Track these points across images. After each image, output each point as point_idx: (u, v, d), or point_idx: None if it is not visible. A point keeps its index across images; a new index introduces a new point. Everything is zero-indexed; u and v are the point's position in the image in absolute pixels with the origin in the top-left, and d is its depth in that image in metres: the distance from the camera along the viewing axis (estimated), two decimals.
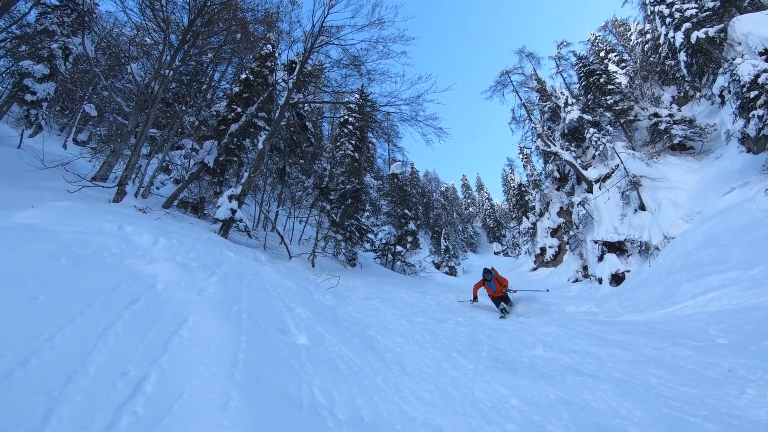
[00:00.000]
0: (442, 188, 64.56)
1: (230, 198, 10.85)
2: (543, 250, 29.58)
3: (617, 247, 17.28)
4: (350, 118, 20.31)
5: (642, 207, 17.01)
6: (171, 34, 11.61)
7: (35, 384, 2.01)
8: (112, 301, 3.21)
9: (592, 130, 21.04)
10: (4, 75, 14.11)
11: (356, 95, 17.78)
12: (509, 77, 27.40)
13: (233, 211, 10.74)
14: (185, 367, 2.63)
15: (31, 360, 2.16)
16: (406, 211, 26.03)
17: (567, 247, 23.73)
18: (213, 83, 18.33)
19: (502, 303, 9.17)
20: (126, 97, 15.22)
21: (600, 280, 17.30)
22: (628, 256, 16.61)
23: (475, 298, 9.85)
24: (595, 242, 18.42)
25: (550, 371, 4.02)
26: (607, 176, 20.18)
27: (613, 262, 16.75)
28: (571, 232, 22.09)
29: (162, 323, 3.12)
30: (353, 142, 20.24)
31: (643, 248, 15.24)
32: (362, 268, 16.95)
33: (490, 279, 9.50)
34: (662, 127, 19.07)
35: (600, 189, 20.10)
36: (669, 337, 6.15)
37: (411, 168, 47.49)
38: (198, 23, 11.75)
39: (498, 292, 9.38)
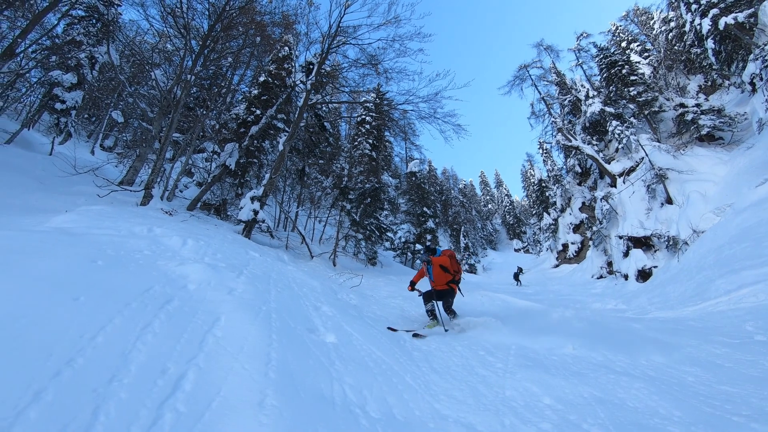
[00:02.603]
0: (460, 185, 64.06)
1: (252, 199, 11.01)
2: (565, 246, 29.04)
3: (643, 243, 16.83)
4: (367, 118, 20.33)
5: (669, 200, 16.53)
6: (191, 40, 11.85)
7: (82, 381, 2.09)
8: (148, 301, 3.30)
9: (614, 122, 20.54)
10: (35, 85, 14.65)
11: (372, 94, 17.78)
12: (527, 71, 26.98)
13: (255, 212, 10.91)
14: (221, 365, 2.68)
15: (77, 359, 2.24)
16: (425, 209, 25.96)
17: (590, 242, 23.23)
18: (232, 86, 18.63)
19: (434, 302, 6.25)
20: (150, 103, 15.61)
21: (626, 277, 16.88)
22: (655, 251, 16.16)
23: (412, 287, 6.63)
24: (620, 237, 17.99)
25: (581, 369, 3.95)
26: (632, 170, 19.67)
27: (640, 258, 16.32)
28: (595, 228, 21.62)
29: (196, 322, 3.20)
30: (370, 141, 20.22)
31: (671, 243, 14.80)
32: (383, 267, 16.97)
33: (431, 262, 6.25)
34: (689, 117, 18.47)
35: (624, 183, 19.60)
36: (703, 334, 5.95)
37: (428, 166, 47.31)
38: (217, 28, 11.96)
39: (438, 283, 6.18)
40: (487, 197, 66.45)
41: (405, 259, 23.94)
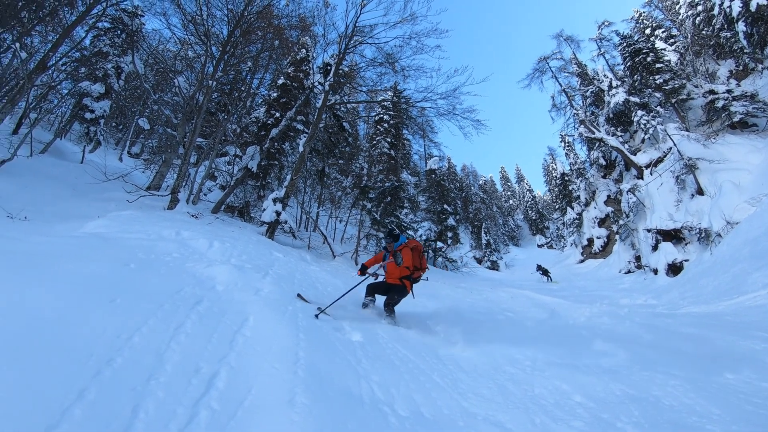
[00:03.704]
0: (481, 182, 63.38)
1: (274, 201, 11.17)
2: (590, 241, 28.37)
3: (673, 235, 16.28)
4: (385, 116, 20.35)
5: (699, 191, 15.93)
6: (212, 47, 12.10)
7: (122, 380, 2.16)
8: (179, 302, 3.39)
9: (640, 112, 19.93)
10: (66, 96, 15.25)
11: (390, 93, 17.78)
12: (547, 63, 26.44)
13: (278, 214, 11.06)
14: (251, 364, 2.74)
15: (116, 358, 2.33)
16: (445, 206, 25.79)
17: (617, 237, 22.62)
18: (252, 90, 18.94)
19: (374, 298, 5.53)
20: (174, 110, 16.04)
21: (655, 271, 16.38)
22: (686, 244, 15.61)
23: (362, 271, 5.67)
24: (648, 231, 17.45)
25: (612, 366, 3.85)
26: (659, 160, 19.04)
27: (670, 251, 15.79)
28: (621, 221, 21.04)
29: (226, 322, 3.27)
30: (389, 139, 20.25)
31: (702, 235, 14.27)
32: None
33: (392, 248, 5.44)
34: (719, 104, 17.73)
35: (651, 174, 18.99)
36: (740, 330, 5.73)
37: (448, 163, 46.97)
38: (236, 34, 12.17)
39: (391, 275, 5.35)
40: (508, 193, 65.53)
41: (426, 257, 23.85)
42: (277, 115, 14.48)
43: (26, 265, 3.21)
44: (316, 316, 4.18)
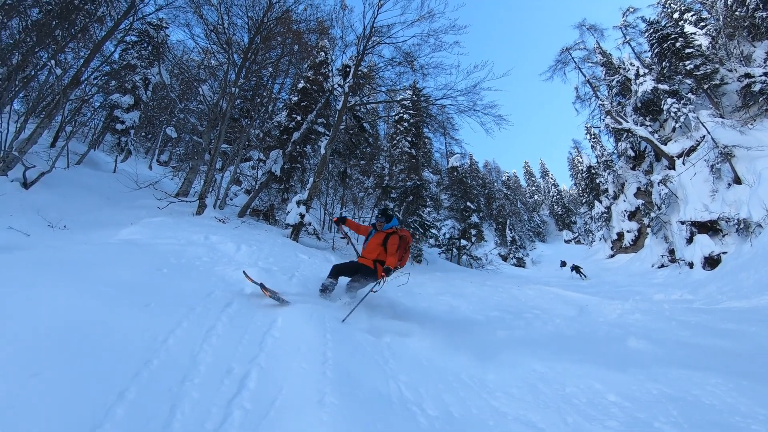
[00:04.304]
0: (504, 178, 62.50)
1: (298, 203, 11.33)
2: (620, 235, 27.50)
3: (709, 227, 15.61)
4: (405, 115, 20.31)
5: (737, 180, 15.22)
6: (234, 54, 12.37)
7: (159, 381, 2.25)
8: (210, 305, 3.50)
9: (669, 100, 19.19)
10: (98, 109, 15.90)
11: (409, 92, 17.73)
12: (570, 54, 25.77)
13: (302, 216, 11.21)
14: (281, 364, 2.79)
15: (152, 360, 2.42)
16: (468, 203, 25.55)
17: (648, 230, 21.88)
18: (273, 95, 19.26)
19: (336, 281, 5.05)
20: (199, 118, 16.48)
21: (690, 264, 15.74)
22: (724, 235, 14.94)
23: (342, 222, 5.56)
24: (682, 223, 16.80)
25: (648, 365, 3.73)
26: (692, 149, 18.29)
27: (706, 244, 15.15)
28: (653, 214, 20.34)
29: (255, 324, 3.35)
30: (409, 138, 20.18)
31: (741, 226, 13.63)
32: (428, 264, 16.91)
33: (381, 227, 5.14)
34: (757, 88, 16.88)
35: (684, 164, 18.26)
36: None
37: (470, 160, 46.46)
38: (257, 40, 12.41)
39: (367, 255, 5.11)
40: (533, 188, 64.31)
41: (450, 256, 23.68)
42: (299, 118, 14.68)
43: (69, 272, 3.37)
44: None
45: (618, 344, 4.71)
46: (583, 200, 40.09)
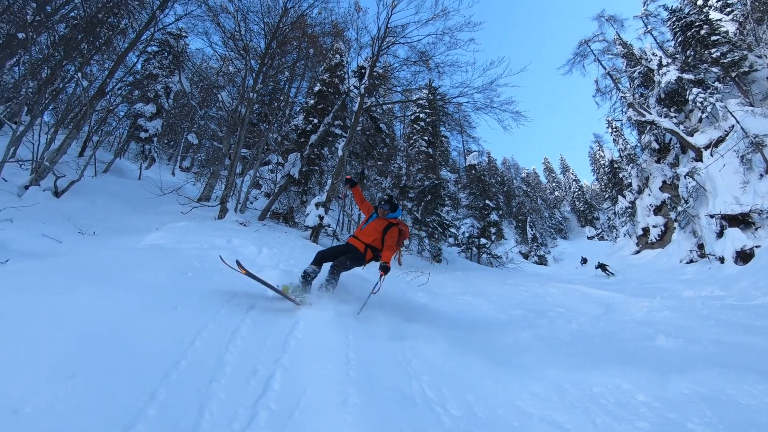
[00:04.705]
0: (523, 174, 61.58)
1: (317, 205, 11.44)
2: (645, 230, 26.74)
3: (740, 220, 15.02)
4: (421, 115, 20.26)
5: None
6: (251, 60, 12.59)
7: (187, 382, 2.30)
8: (234, 308, 3.56)
9: (695, 90, 18.57)
10: (123, 118, 16.41)
11: (425, 91, 17.67)
12: (589, 46, 25.22)
13: (321, 218, 11.32)
14: (304, 365, 2.82)
15: (181, 362, 2.48)
16: (487, 201, 25.32)
17: (675, 224, 21.20)
18: (290, 99, 19.49)
19: (322, 267, 4.71)
20: (218, 124, 16.83)
21: (721, 259, 15.17)
22: (756, 228, 14.36)
23: (345, 189, 5.65)
24: (711, 216, 16.21)
25: (679, 363, 3.61)
26: (720, 140, 17.63)
27: (737, 237, 14.57)
28: (680, 208, 19.70)
29: (278, 326, 3.39)
30: (426, 137, 20.13)
31: None
32: (448, 264, 16.82)
33: (384, 214, 4.85)
34: None
35: (712, 156, 17.62)
36: None
37: (487, 157, 45.97)
38: (273, 46, 12.59)
39: (363, 238, 4.76)
40: (553, 184, 63.17)
41: (470, 254, 23.49)
42: (315, 121, 14.82)
43: (99, 277, 3.49)
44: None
45: (646, 343, 4.58)
46: (606, 195, 39.09)
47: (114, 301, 3.02)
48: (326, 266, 4.70)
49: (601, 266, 20.74)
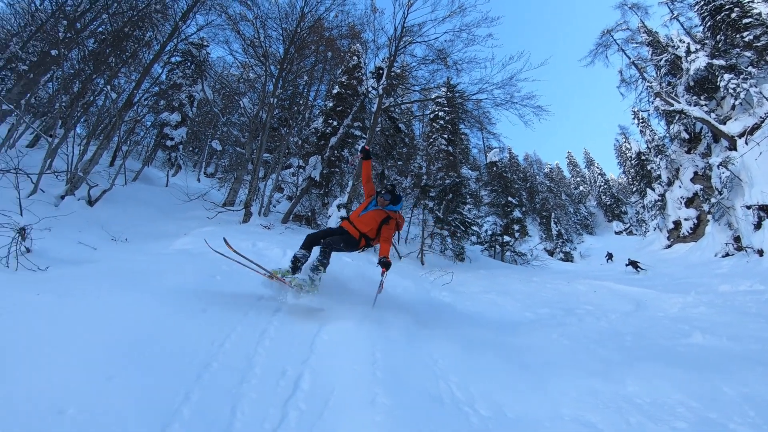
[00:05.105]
0: (546, 170, 60.36)
1: (339, 207, 11.53)
2: (677, 223, 25.77)
3: None
4: (440, 113, 20.12)
5: None
6: (271, 66, 12.80)
7: (219, 383, 2.37)
8: (261, 310, 3.63)
9: (727, 76, 17.79)
10: (150, 128, 16.95)
11: (443, 89, 17.55)
12: (611, 36, 24.51)
13: (342, 219, 11.38)
14: (332, 366, 2.85)
15: (212, 363, 2.55)
16: (509, 198, 24.96)
17: (709, 217, 20.34)
18: (309, 103, 19.71)
19: (311, 253, 4.50)
20: (240, 129, 17.17)
21: (760, 252, 14.47)
22: None
23: (358, 157, 5.06)
24: (748, 207, 15.48)
25: (718, 362, 3.47)
26: (756, 127, 16.82)
27: None
28: (713, 200, 18.88)
29: (305, 327, 3.44)
30: (445, 136, 19.97)
31: None
32: (471, 262, 16.66)
33: (384, 205, 4.56)
34: None
35: (747, 144, 16.82)
36: None
37: (509, 153, 45.24)
38: (292, 50, 12.77)
39: (360, 226, 4.50)
40: (578, 179, 61.65)
41: (494, 253, 23.19)
42: (335, 123, 14.93)
43: (132, 282, 3.61)
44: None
45: (681, 340, 4.43)
46: (634, 188, 37.87)
47: (147, 305, 3.12)
48: (317, 250, 4.45)
49: (632, 263, 19.84)
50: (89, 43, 12.18)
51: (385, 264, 4.21)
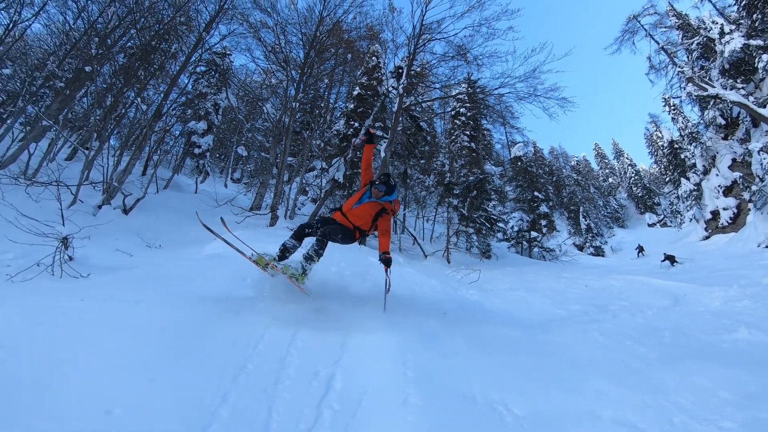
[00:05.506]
0: (573, 163, 58.75)
1: None
2: (715, 213, 24.60)
3: None
4: (461, 110, 19.92)
5: None
6: (292, 71, 13.00)
7: (254, 385, 2.42)
8: (291, 312, 3.68)
9: (765, 56, 16.88)
10: (178, 137, 17.51)
11: (464, 85, 17.36)
12: (638, 21, 23.60)
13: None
14: (363, 366, 2.86)
15: (247, 365, 2.62)
16: (535, 193, 24.46)
17: (750, 205, 19.36)
18: (331, 105, 19.89)
19: (301, 243, 4.39)
20: (264, 135, 17.50)
21: None
22: None
23: (361, 139, 4.64)
24: None
25: (766, 358, 3.31)
26: None
27: None
28: (754, 187, 17.97)
29: (334, 328, 3.47)
30: (468, 132, 19.75)
31: None
32: (498, 259, 16.42)
33: (379, 196, 4.20)
34: None
35: None
36: None
37: (533, 147, 44.36)
38: (311, 55, 12.93)
39: (353, 219, 4.22)
40: (606, 171, 59.74)
41: (520, 249, 22.79)
42: (356, 125, 15.01)
43: (169, 286, 3.76)
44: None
45: (725, 336, 4.23)
46: (667, 179, 36.42)
47: (183, 309, 3.23)
48: (308, 241, 4.33)
49: (669, 258, 18.66)
50: (119, 57, 12.68)
51: (385, 261, 4.03)
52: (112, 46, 11.65)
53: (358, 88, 15.69)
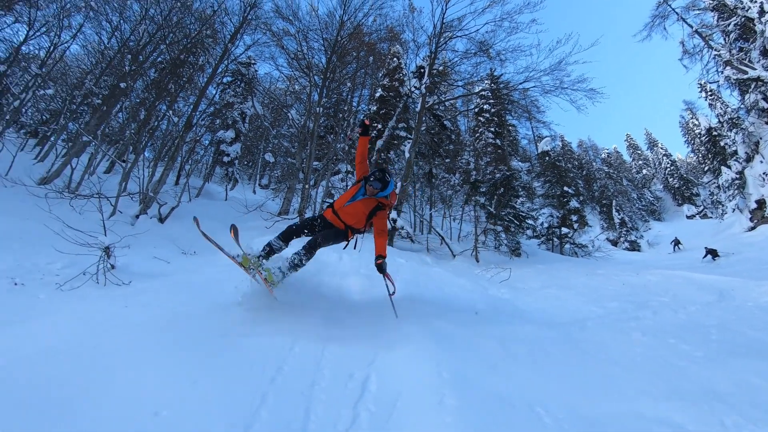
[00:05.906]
0: (603, 155, 56.93)
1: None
2: (760, 203, 23.26)
3: None
4: (485, 106, 19.65)
5: None
6: (314, 76, 13.19)
7: (291, 386, 2.47)
8: (325, 312, 3.74)
9: None
10: (208, 146, 18.08)
11: (487, 81, 17.12)
12: (669, 5, 22.63)
13: (394, 221, 11.46)
14: (396, 367, 2.87)
15: (283, 367, 2.67)
16: (565, 188, 23.83)
17: None
18: (353, 108, 20.04)
19: (287, 243, 4.21)
20: (290, 140, 17.81)
21: None
22: None
23: (357, 130, 4.47)
24: None
25: None
26: None
27: None
28: None
29: (366, 330, 3.49)
30: (492, 129, 19.46)
31: None
32: (528, 257, 16.07)
33: (374, 194, 3.97)
34: None
35: None
36: None
37: (561, 141, 43.19)
38: (333, 59, 13.08)
39: (345, 217, 4.07)
40: (639, 162, 57.50)
41: (551, 246, 22.25)
42: (380, 126, 15.05)
43: (206, 291, 3.92)
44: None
45: None
46: (706, 168, 34.72)
47: (219, 313, 3.33)
48: (296, 242, 4.10)
49: (710, 252, 17.25)
50: (151, 72, 13.22)
51: (379, 268, 3.80)
52: (144, 62, 12.16)
53: (380, 89, 15.74)
